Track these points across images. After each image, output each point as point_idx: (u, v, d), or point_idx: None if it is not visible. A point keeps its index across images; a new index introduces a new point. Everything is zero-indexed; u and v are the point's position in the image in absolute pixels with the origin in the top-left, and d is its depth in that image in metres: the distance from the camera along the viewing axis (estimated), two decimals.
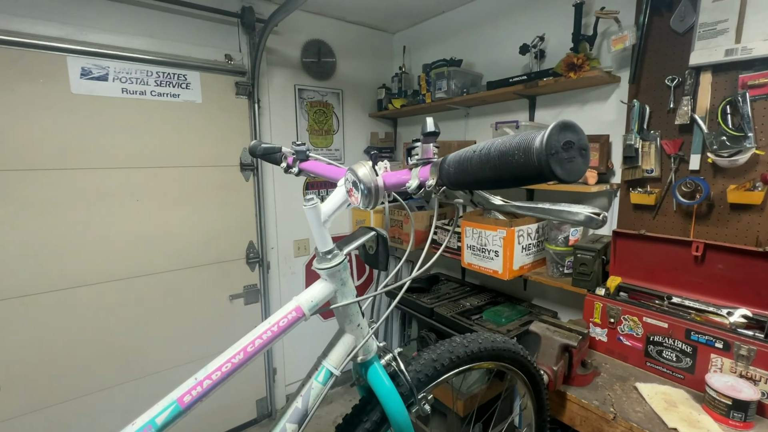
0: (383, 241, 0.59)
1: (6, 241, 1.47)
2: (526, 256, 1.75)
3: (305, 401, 0.55)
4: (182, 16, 1.79)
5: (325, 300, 0.57)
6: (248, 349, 0.50)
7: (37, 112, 1.50)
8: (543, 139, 0.36)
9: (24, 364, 1.53)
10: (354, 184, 0.48)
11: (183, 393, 0.46)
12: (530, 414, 0.94)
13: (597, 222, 0.42)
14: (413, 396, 0.62)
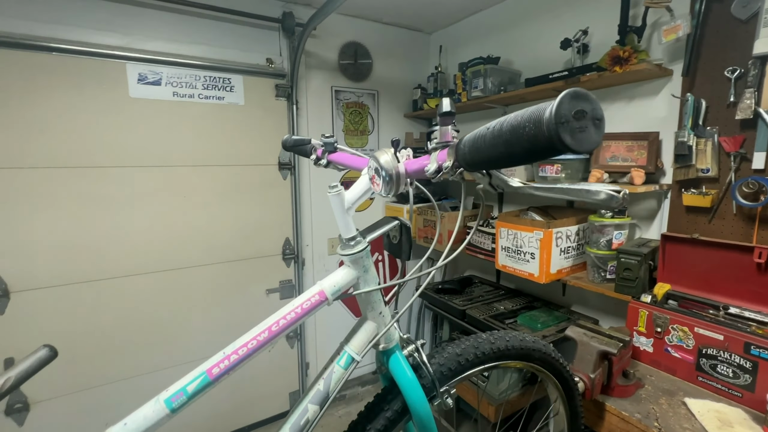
0: (406, 231, 0.60)
1: (71, 232, 1.64)
2: (564, 259, 1.68)
3: (327, 384, 0.57)
4: (228, 24, 1.91)
5: (348, 286, 0.58)
6: (272, 328, 0.53)
7: (101, 114, 1.66)
8: (553, 108, 0.35)
9: (85, 344, 1.69)
10: (376, 171, 0.49)
11: (212, 365, 0.49)
12: (562, 421, 0.90)
13: (617, 200, 0.41)
14: (435, 389, 0.62)
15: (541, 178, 1.72)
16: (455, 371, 0.66)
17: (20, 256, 1.55)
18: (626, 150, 1.58)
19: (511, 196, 2.20)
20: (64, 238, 1.62)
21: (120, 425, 0.46)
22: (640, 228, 1.63)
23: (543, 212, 1.83)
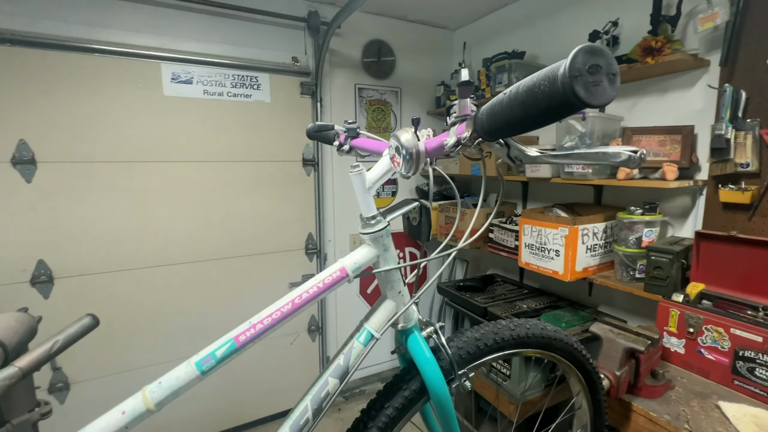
0: (426, 212, 0.62)
1: (109, 224, 1.74)
2: (591, 257, 1.64)
3: (347, 359, 0.59)
4: (256, 23, 1.97)
5: (368, 264, 0.60)
6: (296, 300, 0.55)
7: (136, 112, 1.76)
8: (567, 63, 0.35)
9: (119, 329, 1.79)
10: (397, 150, 0.51)
11: (239, 333, 0.53)
12: (585, 415, 0.88)
13: (635, 160, 0.40)
14: (453, 371, 0.63)
15: (567, 173, 1.68)
16: (474, 355, 0.66)
17: (63, 244, 1.66)
18: (658, 144, 1.53)
19: (535, 193, 2.16)
20: (102, 229, 1.73)
21: (155, 384, 0.50)
22: (672, 226, 1.57)
23: (569, 209, 1.79)
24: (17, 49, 1.53)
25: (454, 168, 2.30)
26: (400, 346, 0.66)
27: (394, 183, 2.48)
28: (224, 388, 2.04)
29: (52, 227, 1.64)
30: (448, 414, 0.63)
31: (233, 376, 2.05)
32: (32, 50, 1.55)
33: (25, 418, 0.63)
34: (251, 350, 2.01)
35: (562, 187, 1.98)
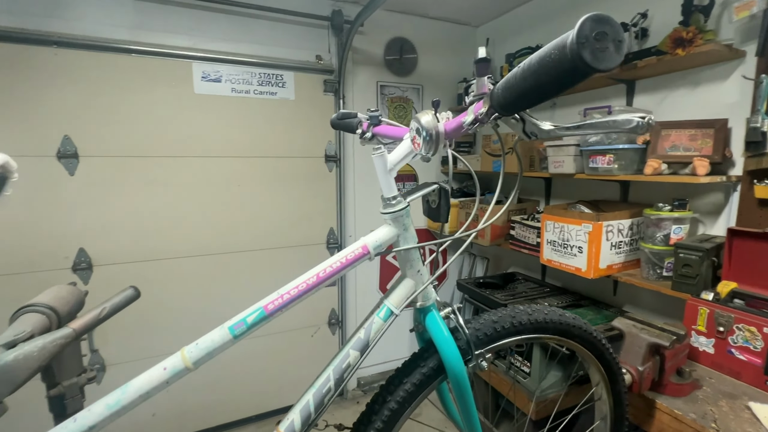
0: (445, 194, 0.63)
1: (142, 215, 1.84)
2: (616, 254, 1.61)
3: (367, 333, 0.62)
4: (281, 23, 2.04)
5: (389, 242, 0.63)
6: (320, 274, 0.59)
7: (169, 109, 1.85)
8: (575, 30, 0.37)
9: (151, 316, 1.89)
10: (417, 132, 0.53)
11: (268, 302, 0.56)
12: (605, 406, 0.88)
13: (643, 125, 0.41)
14: (470, 351, 0.64)
15: (592, 168, 1.66)
16: (491, 337, 0.68)
17: (102, 234, 1.77)
18: (688, 139, 1.49)
19: (559, 190, 2.13)
20: (137, 221, 1.83)
21: (193, 345, 0.55)
22: (703, 223, 1.52)
23: (593, 206, 1.76)
24: (63, 50, 1.65)
25: (476, 164, 2.30)
26: (418, 324, 0.69)
27: (415, 180, 2.50)
28: (247, 377, 2.11)
29: (91, 218, 1.75)
30: (464, 392, 0.65)
31: (256, 366, 2.12)
32: (76, 51, 1.67)
33: (73, 381, 0.69)
34: (274, 342, 2.09)
35: (587, 184, 1.95)
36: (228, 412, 2.09)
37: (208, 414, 2.04)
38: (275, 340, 2.16)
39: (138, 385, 0.53)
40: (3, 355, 0.48)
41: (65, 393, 0.68)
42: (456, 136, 0.53)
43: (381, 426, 0.62)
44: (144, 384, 0.53)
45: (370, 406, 0.65)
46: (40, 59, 1.62)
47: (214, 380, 2.04)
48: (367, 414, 0.64)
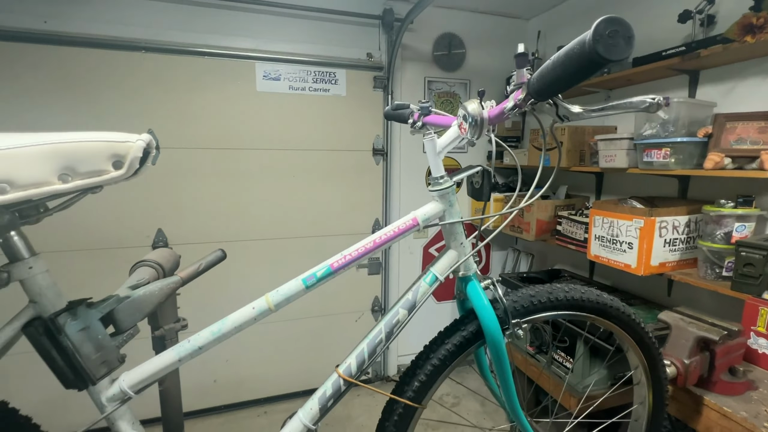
0: (488, 175, 0.71)
1: (209, 202, 2.07)
2: (670, 252, 1.57)
3: (414, 295, 0.72)
4: (335, 23, 2.18)
5: (436, 217, 0.72)
6: (376, 240, 0.69)
7: (234, 105, 2.06)
8: (591, 30, 0.46)
9: (217, 295, 2.12)
10: (464, 118, 0.61)
11: (334, 261, 0.68)
12: (643, 390, 0.90)
13: (653, 105, 0.48)
14: (507, 320, 0.71)
15: (646, 163, 1.63)
16: (528, 309, 0.74)
17: (176, 217, 2.02)
18: (757, 132, 1.42)
19: (611, 186, 2.09)
20: (205, 206, 2.06)
21: (274, 291, 0.68)
22: None
23: (647, 202, 1.72)
24: (149, 54, 1.90)
25: (523, 159, 2.30)
26: (460, 293, 0.76)
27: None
28: (297, 355, 2.29)
29: (168, 202, 2.00)
30: (501, 357, 0.72)
31: (305, 345, 2.30)
32: (160, 55, 1.92)
33: (171, 326, 0.85)
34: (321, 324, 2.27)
35: (642, 179, 1.90)
36: (278, 386, 2.29)
37: (261, 385, 2.25)
38: (323, 322, 2.33)
39: (233, 319, 0.67)
40: (133, 293, 0.64)
41: (165, 335, 0.84)
42: (498, 122, 0.60)
43: (424, 379, 0.71)
44: (238, 319, 0.66)
45: (415, 362, 0.74)
46: (131, 62, 1.89)
47: (267, 355, 2.24)
48: (412, 368, 0.74)
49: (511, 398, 0.78)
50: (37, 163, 0.46)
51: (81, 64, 1.82)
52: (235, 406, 2.22)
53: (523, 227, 2.19)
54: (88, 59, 1.83)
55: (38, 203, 0.52)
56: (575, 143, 2.00)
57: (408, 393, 0.71)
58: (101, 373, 0.57)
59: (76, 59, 1.82)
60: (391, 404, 0.73)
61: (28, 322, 0.53)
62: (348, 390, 0.70)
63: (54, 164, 0.47)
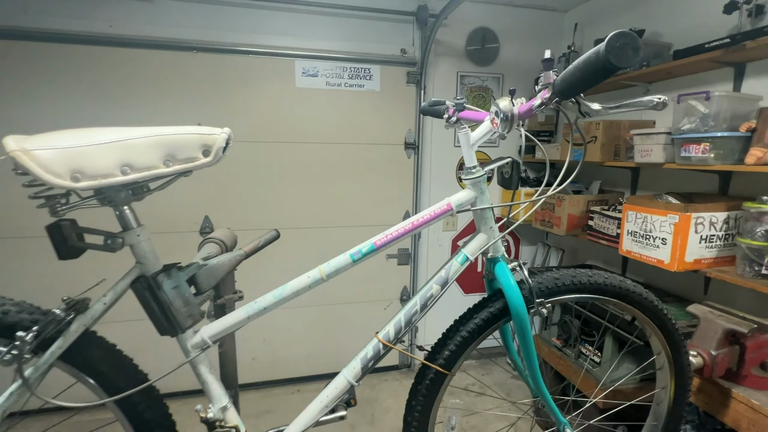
0: (516, 166, 0.78)
1: (255, 192, 2.23)
2: (706, 249, 1.56)
3: (447, 272, 0.81)
4: (370, 20, 2.28)
5: (468, 203, 0.80)
6: (414, 222, 0.78)
7: (275, 101, 2.21)
8: (605, 42, 0.55)
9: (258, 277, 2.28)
10: (496, 114, 0.69)
11: (377, 239, 0.78)
12: (666, 376, 0.94)
13: (660, 104, 0.54)
14: (532, 299, 0.79)
15: (684, 158, 1.62)
16: (552, 291, 0.81)
17: (221, 205, 2.20)
18: None
19: (647, 182, 2.07)
20: (247, 195, 2.23)
21: (326, 264, 0.79)
22: None
23: (685, 198, 1.71)
24: (200, 54, 2.07)
25: (555, 153, 2.32)
26: (488, 273, 0.84)
27: None
28: (329, 339, 2.44)
29: (214, 191, 2.18)
30: (526, 332, 0.80)
31: (337, 330, 2.43)
32: (208, 54, 2.09)
33: (230, 297, 0.99)
34: (352, 310, 2.43)
35: (680, 175, 1.88)
36: (310, 367, 2.45)
37: (294, 365, 2.41)
38: (353, 309, 2.46)
39: (292, 286, 0.78)
40: (209, 262, 0.77)
41: (225, 303, 0.97)
42: (527, 117, 0.68)
43: (453, 348, 0.79)
44: (296, 285, 0.78)
45: (446, 334, 0.83)
46: (183, 62, 2.07)
47: (301, 338, 2.39)
48: (443, 340, 0.83)
49: (534, 373, 0.85)
50: (149, 151, 0.59)
51: (140, 64, 2.02)
52: (271, 383, 2.39)
53: (553, 222, 2.22)
54: (146, 59, 2.02)
55: (145, 183, 0.65)
56: (610, 138, 2.00)
57: (439, 360, 0.80)
58: (188, 324, 0.70)
59: (135, 60, 2.01)
60: (423, 370, 0.82)
61: (135, 279, 0.67)
62: (386, 353, 0.80)
63: (160, 152, 0.60)
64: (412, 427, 0.82)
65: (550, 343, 2.02)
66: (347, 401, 0.83)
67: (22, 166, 0.50)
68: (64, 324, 0.62)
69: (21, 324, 0.61)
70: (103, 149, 0.56)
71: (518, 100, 0.68)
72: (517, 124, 0.68)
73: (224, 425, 0.73)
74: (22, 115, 1.93)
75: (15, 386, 0.60)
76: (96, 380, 0.66)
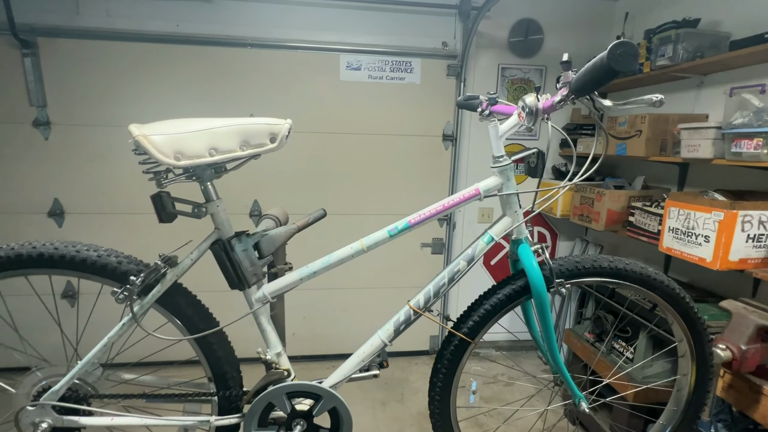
0: (542, 156, 0.86)
1: (296, 177, 2.42)
2: (753, 248, 1.54)
3: (473, 250, 0.91)
4: (412, 14, 2.37)
5: (495, 189, 0.90)
6: (445, 204, 0.90)
7: (320, 93, 2.37)
8: (607, 50, 0.65)
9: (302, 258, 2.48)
10: (522, 108, 0.78)
11: (412, 218, 0.90)
12: (687, 364, 0.99)
13: (658, 102, 0.62)
14: (552, 279, 0.87)
15: (734, 154, 1.59)
16: (572, 273, 0.89)
17: (268, 191, 2.41)
18: None
19: (696, 178, 2.03)
20: (291, 183, 2.42)
21: (366, 237, 0.92)
22: None
23: (736, 196, 1.67)
24: (254, 50, 2.27)
25: (598, 147, 2.30)
26: (513, 253, 0.93)
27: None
28: (364, 319, 2.60)
29: (263, 178, 2.39)
30: (545, 310, 0.88)
31: (371, 311, 2.59)
32: (261, 50, 2.28)
33: (282, 267, 1.15)
34: (385, 295, 2.61)
35: (733, 172, 1.83)
36: (344, 345, 2.63)
37: (332, 343, 2.61)
38: (387, 293, 2.60)
39: (337, 255, 0.93)
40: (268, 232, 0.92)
41: (278, 273, 1.13)
42: (550, 111, 0.76)
43: (477, 319, 0.90)
44: (341, 255, 0.93)
45: (471, 306, 0.94)
46: (239, 57, 2.27)
47: (337, 318, 2.58)
48: (468, 312, 0.93)
49: (552, 349, 0.94)
50: (230, 138, 0.74)
51: (202, 60, 2.25)
52: (309, 357, 2.60)
53: (592, 217, 2.22)
54: (206, 55, 2.25)
55: (224, 164, 0.81)
56: (656, 132, 1.97)
57: (464, 329, 0.91)
58: (253, 281, 0.87)
59: (197, 56, 2.25)
60: (449, 337, 0.94)
61: (214, 242, 0.84)
62: (416, 319, 0.93)
63: (238, 138, 0.75)
64: (437, 387, 0.94)
65: (583, 338, 2.05)
66: (380, 363, 0.97)
67: (142, 147, 0.67)
68: (161, 274, 0.80)
69: (130, 272, 0.80)
70: (197, 135, 0.72)
71: (543, 96, 0.77)
72: (541, 117, 0.77)
73: (278, 367, 0.89)
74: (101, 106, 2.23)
75: (126, 319, 0.79)
76: (182, 321, 0.85)
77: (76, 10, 2.13)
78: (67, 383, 0.80)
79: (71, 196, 2.26)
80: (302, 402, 0.90)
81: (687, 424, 1.02)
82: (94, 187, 2.28)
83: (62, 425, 0.80)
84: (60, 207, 2.26)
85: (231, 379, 0.88)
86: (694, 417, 1.02)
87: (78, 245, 0.81)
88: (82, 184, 2.26)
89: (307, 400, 0.90)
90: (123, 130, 2.22)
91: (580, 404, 0.97)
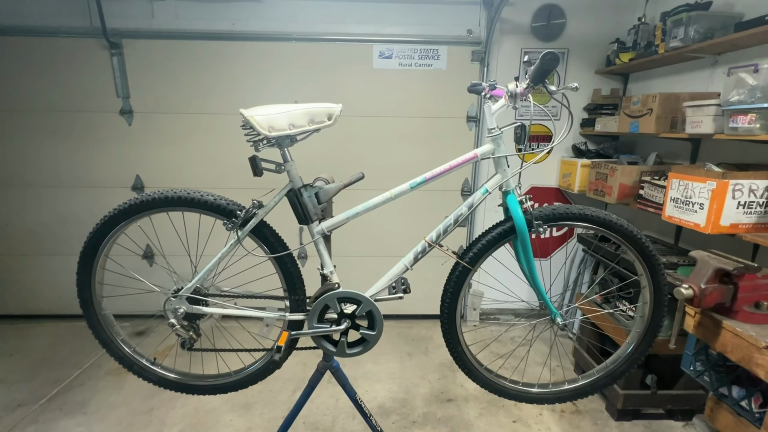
0: (523, 129, 1.21)
1: (335, 157, 2.83)
2: (744, 214, 1.78)
3: (473, 199, 1.28)
4: (439, 5, 2.69)
5: (489, 153, 1.25)
6: (451, 164, 1.26)
7: (355, 81, 2.76)
8: (539, 58, 1.00)
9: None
10: (506, 92, 1.13)
11: (427, 174, 1.27)
12: (647, 293, 1.30)
13: (576, 89, 0.95)
14: (532, 222, 1.22)
15: (732, 129, 1.82)
16: (549, 217, 1.23)
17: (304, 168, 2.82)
18: None
19: (707, 153, 2.24)
20: (326, 160, 2.83)
21: (395, 188, 1.30)
22: None
23: (739, 169, 1.88)
24: (299, 43, 2.69)
25: (614, 126, 2.55)
26: (503, 202, 1.29)
27: (548, 140, 2.89)
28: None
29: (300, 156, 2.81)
30: (527, 247, 1.24)
31: None
32: (303, 43, 2.70)
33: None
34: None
35: (740, 147, 2.03)
36: None
37: None
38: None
39: (373, 200, 1.33)
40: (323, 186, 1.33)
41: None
42: (525, 95, 1.11)
43: (476, 251, 1.27)
44: (375, 200, 1.33)
45: (472, 243, 1.30)
46: (285, 50, 2.70)
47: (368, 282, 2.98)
48: (469, 246, 1.30)
49: (534, 279, 1.29)
50: (302, 117, 1.15)
51: (253, 54, 2.69)
52: None
53: (605, 191, 2.49)
54: (257, 50, 2.69)
55: (296, 135, 1.22)
56: (666, 110, 2.20)
57: (466, 259, 1.28)
58: (314, 219, 1.28)
59: (250, 50, 2.69)
60: (456, 266, 1.32)
61: (288, 191, 1.26)
62: (430, 250, 1.31)
63: (307, 117, 1.16)
64: (446, 303, 1.33)
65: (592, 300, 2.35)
66: (404, 289, 1.36)
67: (249, 123, 1.09)
68: (254, 212, 1.23)
69: (234, 211, 1.24)
70: (282, 115, 1.14)
71: (521, 84, 1.11)
72: (521, 99, 1.11)
73: (331, 280, 1.31)
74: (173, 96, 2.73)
75: (232, 242, 1.23)
76: (267, 246, 1.28)
77: (152, 15, 2.63)
78: (193, 285, 1.26)
79: (150, 173, 2.81)
80: (348, 306, 1.32)
81: (646, 342, 1.34)
82: (168, 165, 2.81)
83: (191, 311, 1.26)
84: (140, 182, 2.82)
85: (298, 288, 1.32)
86: (652, 337, 1.33)
87: (202, 192, 1.26)
88: (159, 162, 2.80)
89: (352, 306, 1.32)
90: (192, 116, 2.72)
91: (556, 319, 1.32)
